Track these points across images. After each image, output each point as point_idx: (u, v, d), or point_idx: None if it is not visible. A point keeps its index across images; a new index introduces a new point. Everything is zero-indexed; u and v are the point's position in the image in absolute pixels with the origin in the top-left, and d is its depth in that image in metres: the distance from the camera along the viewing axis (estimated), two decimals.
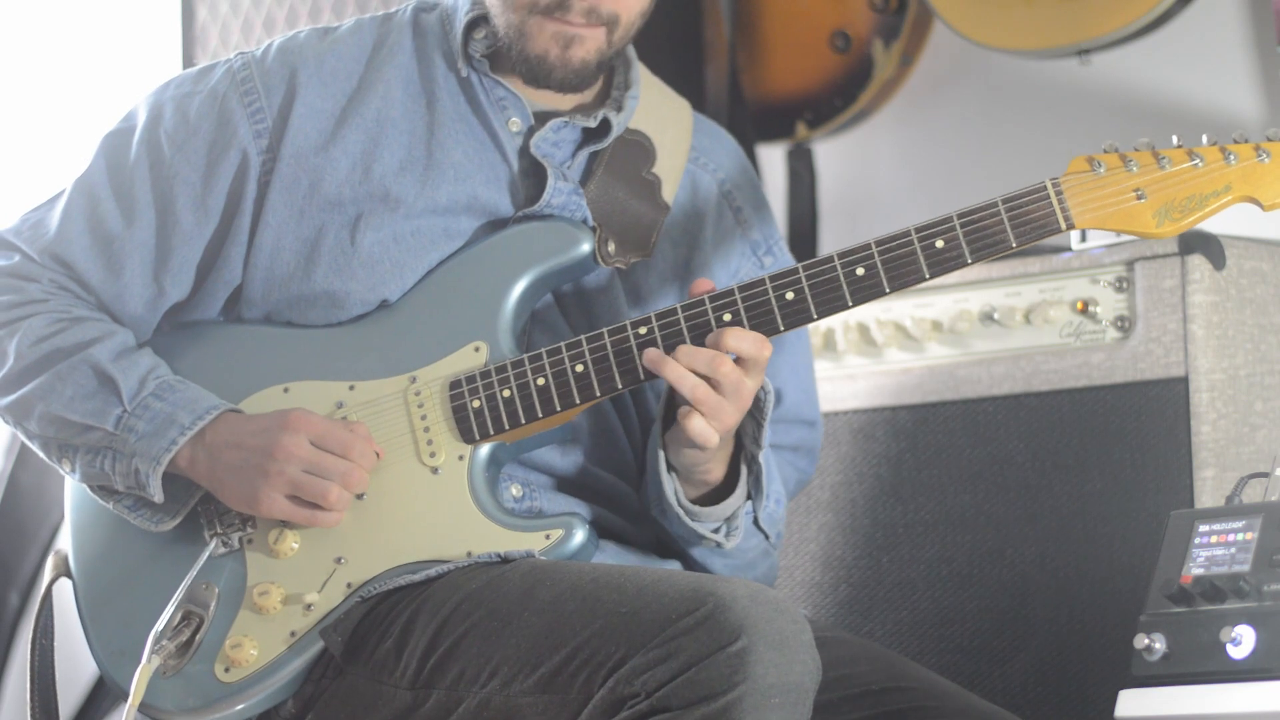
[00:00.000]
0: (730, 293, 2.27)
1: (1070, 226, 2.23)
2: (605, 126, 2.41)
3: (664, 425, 2.34)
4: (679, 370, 2.24)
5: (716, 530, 2.38)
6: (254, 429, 2.29)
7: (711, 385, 2.24)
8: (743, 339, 2.24)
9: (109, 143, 2.43)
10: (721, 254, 2.51)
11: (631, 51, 2.47)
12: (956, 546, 2.78)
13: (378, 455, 2.30)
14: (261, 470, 2.26)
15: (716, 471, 2.37)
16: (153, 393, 2.31)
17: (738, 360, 2.25)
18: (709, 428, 2.25)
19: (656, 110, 2.47)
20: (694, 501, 2.38)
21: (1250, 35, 3.15)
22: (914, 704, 2.30)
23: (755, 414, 2.35)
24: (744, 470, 2.38)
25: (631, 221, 2.40)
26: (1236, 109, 3.14)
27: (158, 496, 2.30)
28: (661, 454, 2.34)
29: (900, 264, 2.25)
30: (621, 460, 2.44)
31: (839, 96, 3.33)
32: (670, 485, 2.35)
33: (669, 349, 2.27)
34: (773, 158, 3.47)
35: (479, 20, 2.40)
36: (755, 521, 2.41)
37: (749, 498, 2.39)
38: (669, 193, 2.44)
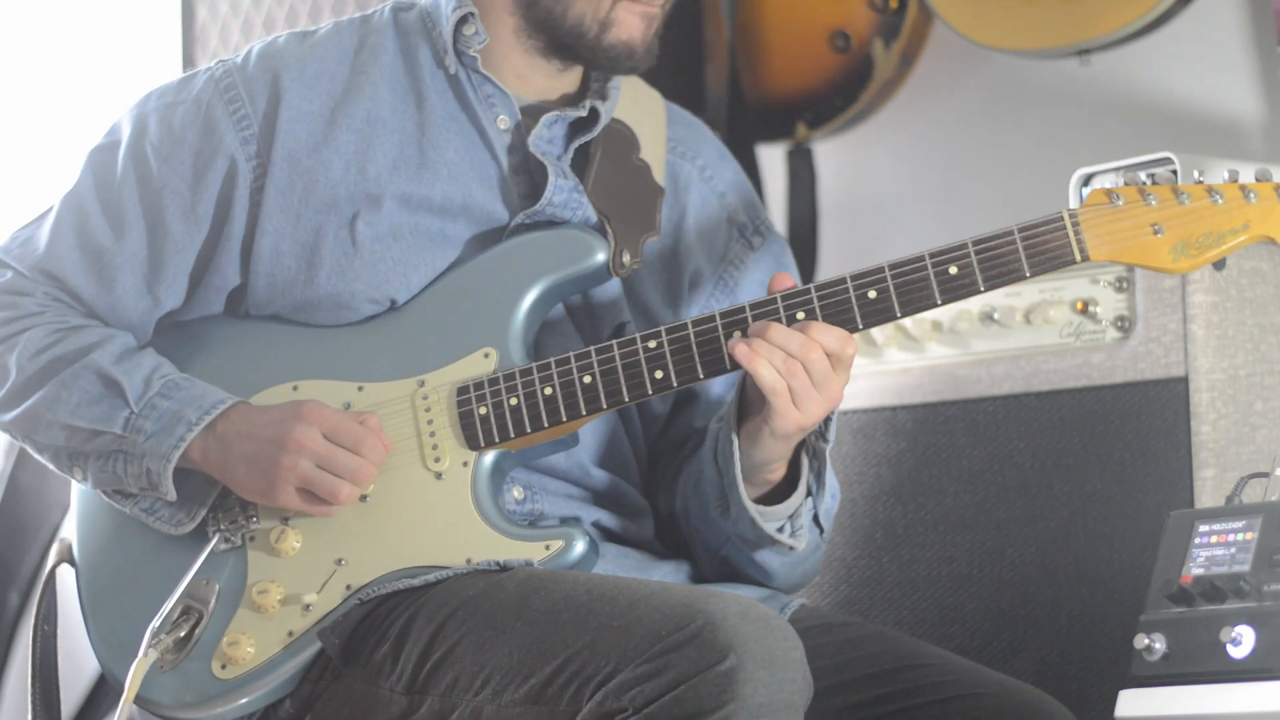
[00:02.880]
0: (741, 310, 2.27)
1: (1085, 258, 2.22)
2: (594, 116, 2.41)
3: (739, 419, 2.32)
4: (769, 350, 2.23)
5: (781, 530, 2.37)
6: (266, 420, 2.29)
7: (804, 369, 2.23)
8: (827, 333, 2.23)
9: (95, 158, 2.43)
10: (707, 241, 2.51)
11: None
12: (957, 546, 2.78)
13: (386, 449, 2.30)
14: (274, 462, 2.27)
15: (779, 470, 2.35)
16: (159, 392, 2.32)
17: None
18: (796, 411, 2.24)
19: (633, 102, 2.48)
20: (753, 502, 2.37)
21: (1250, 35, 3.14)
22: (928, 680, 2.30)
23: None
24: (805, 465, 2.36)
25: (634, 203, 2.40)
26: (1236, 109, 3.14)
27: (170, 495, 2.30)
28: (737, 455, 2.31)
29: (913, 289, 2.24)
30: (624, 462, 2.44)
31: (839, 96, 3.32)
32: (744, 488, 2.32)
33: (678, 364, 2.27)
34: (773, 158, 3.47)
35: (468, 17, 2.39)
36: (815, 518, 2.40)
37: (809, 494, 2.38)
38: (658, 177, 2.44)
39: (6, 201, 3.82)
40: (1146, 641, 2.14)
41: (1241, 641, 2.09)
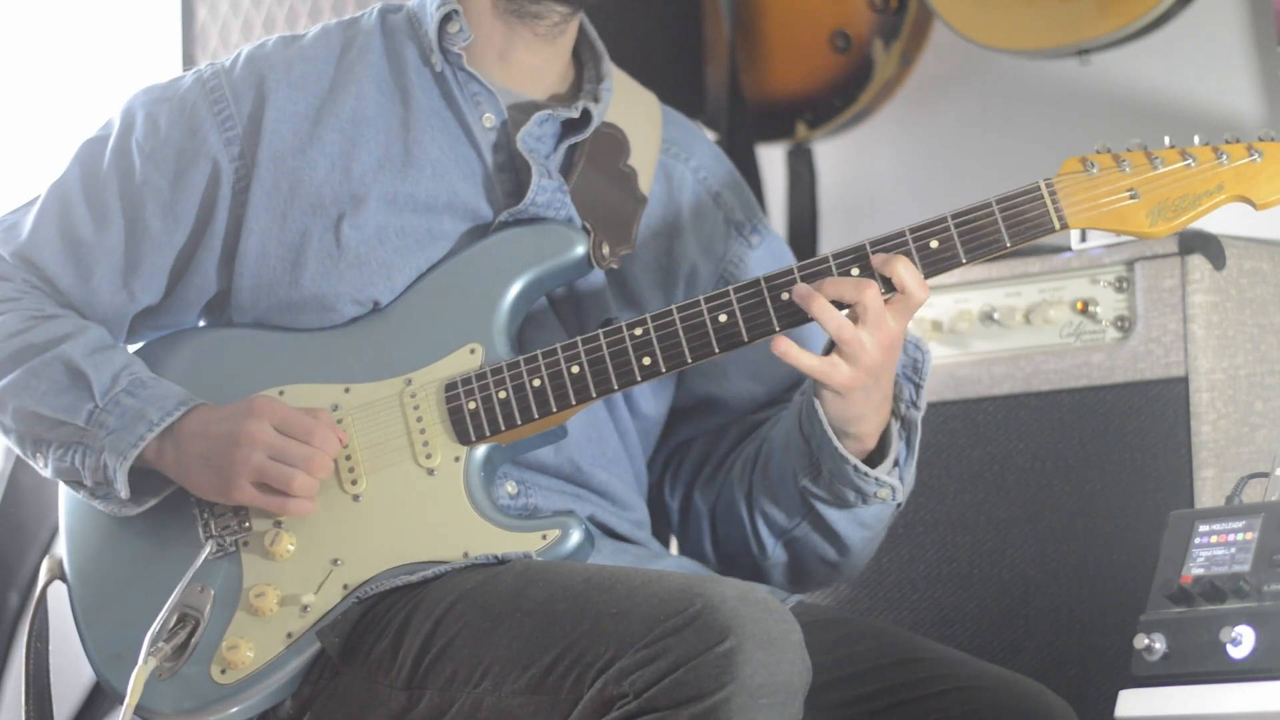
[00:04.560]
0: (725, 294, 2.27)
1: (1064, 226, 2.24)
2: (586, 117, 2.41)
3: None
4: (825, 308, 2.22)
5: (882, 485, 2.34)
6: (219, 417, 2.30)
7: (854, 314, 2.22)
8: (908, 271, 2.22)
9: (85, 150, 2.45)
10: (703, 240, 2.51)
11: (600, 45, 2.48)
12: (956, 546, 2.78)
13: (341, 440, 2.31)
14: (228, 457, 2.27)
15: (870, 440, 2.33)
16: (125, 389, 2.33)
17: (893, 292, 2.23)
18: (844, 367, 2.23)
19: (627, 103, 2.48)
20: None
21: (1250, 35, 3.15)
22: (926, 674, 2.30)
23: (913, 377, 2.34)
24: (895, 430, 2.34)
25: (613, 213, 2.40)
26: (1236, 109, 3.14)
27: (124, 492, 2.31)
28: (822, 412, 2.29)
29: None
30: (613, 455, 2.44)
31: (839, 96, 3.33)
32: (839, 441, 2.30)
33: (665, 350, 2.28)
34: (773, 158, 3.47)
35: (452, 14, 2.40)
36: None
37: (895, 464, 2.36)
38: (644, 184, 2.45)
39: (9, 203, 3.82)
40: (1146, 641, 2.13)
41: (1241, 641, 2.09)
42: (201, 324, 2.46)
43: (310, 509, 2.29)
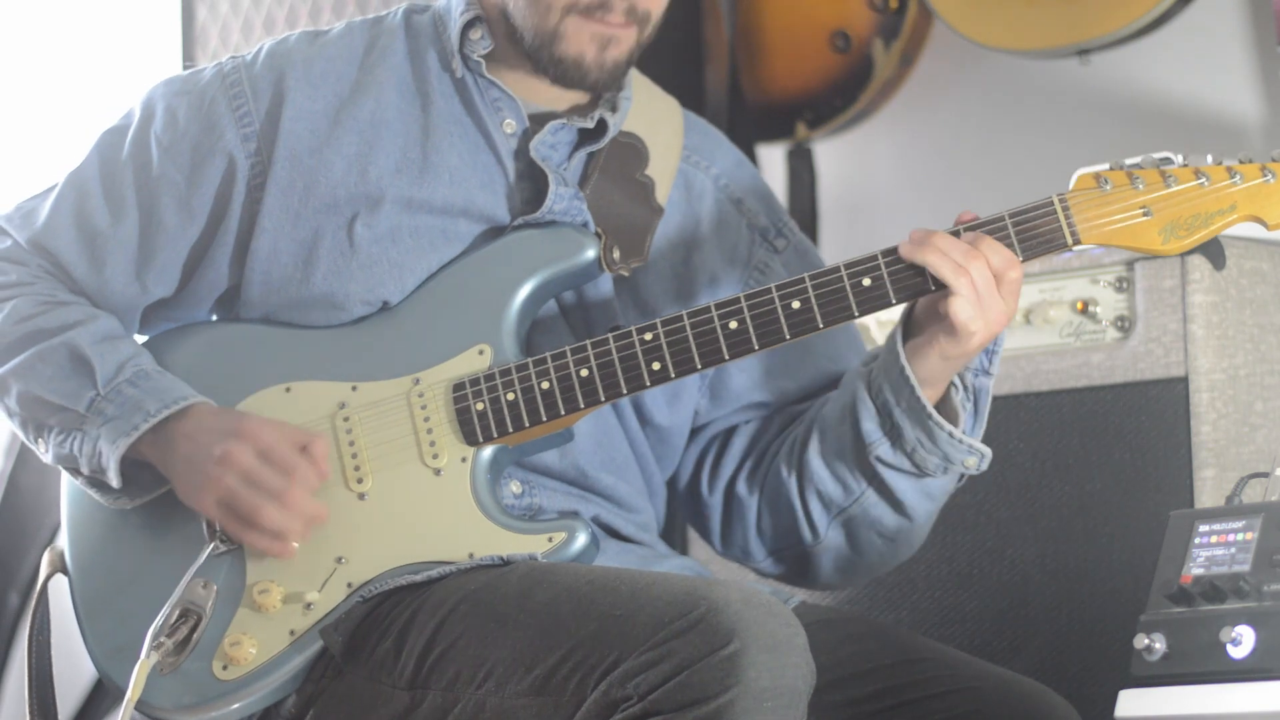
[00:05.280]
0: (736, 300, 2.27)
1: (1076, 242, 2.23)
2: (601, 127, 2.41)
3: (905, 337, 2.29)
4: (939, 255, 2.21)
5: (971, 452, 2.32)
6: (211, 425, 2.29)
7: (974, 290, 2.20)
8: (995, 250, 2.22)
9: (105, 139, 2.45)
10: (725, 248, 2.50)
11: None
12: (956, 546, 2.78)
13: (323, 476, 2.28)
14: (204, 471, 2.27)
15: (934, 396, 2.31)
16: (128, 379, 2.33)
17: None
18: (977, 313, 2.21)
19: (647, 111, 2.47)
20: None
21: (1250, 35, 3.15)
22: (928, 674, 2.30)
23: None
24: (959, 399, 2.31)
25: (626, 225, 2.40)
26: (1236, 109, 3.15)
27: (115, 481, 2.31)
28: (910, 372, 2.27)
29: (908, 274, 2.24)
30: (620, 461, 2.43)
31: (839, 96, 3.33)
32: (926, 398, 2.28)
33: (675, 355, 2.27)
34: (773, 158, 3.47)
35: (475, 21, 2.39)
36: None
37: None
38: (662, 195, 2.44)
39: (8, 202, 3.82)
40: (1146, 641, 2.14)
41: (1241, 641, 2.09)
42: (213, 318, 2.47)
43: (288, 552, 2.27)
